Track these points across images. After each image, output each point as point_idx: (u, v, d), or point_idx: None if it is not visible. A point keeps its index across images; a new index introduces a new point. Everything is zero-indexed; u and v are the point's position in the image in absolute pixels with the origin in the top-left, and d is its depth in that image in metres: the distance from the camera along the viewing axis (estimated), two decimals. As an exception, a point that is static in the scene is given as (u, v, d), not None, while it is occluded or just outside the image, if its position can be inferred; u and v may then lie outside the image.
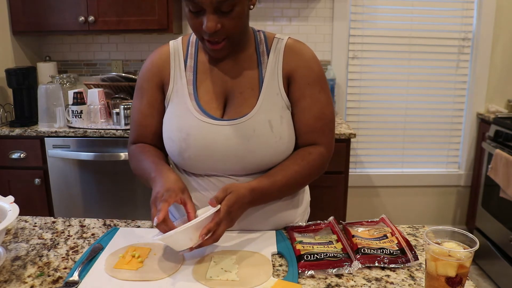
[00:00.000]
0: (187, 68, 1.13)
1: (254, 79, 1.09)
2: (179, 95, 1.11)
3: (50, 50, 2.99)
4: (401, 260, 0.93)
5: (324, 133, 1.11)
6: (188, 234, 0.90)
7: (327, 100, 1.12)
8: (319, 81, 1.11)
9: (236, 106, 1.08)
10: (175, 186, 1.00)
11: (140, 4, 2.55)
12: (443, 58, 2.98)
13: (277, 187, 1.05)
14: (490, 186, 2.62)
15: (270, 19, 2.92)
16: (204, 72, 1.12)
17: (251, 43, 1.13)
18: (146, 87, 1.15)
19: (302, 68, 1.10)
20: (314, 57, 1.13)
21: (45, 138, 2.36)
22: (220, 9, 0.96)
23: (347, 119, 3.05)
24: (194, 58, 1.13)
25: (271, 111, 1.07)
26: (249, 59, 1.11)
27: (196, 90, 1.10)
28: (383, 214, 1.13)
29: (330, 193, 2.47)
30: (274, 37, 1.13)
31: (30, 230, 1.13)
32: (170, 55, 1.14)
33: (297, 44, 1.13)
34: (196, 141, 1.06)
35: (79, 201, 2.43)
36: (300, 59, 1.10)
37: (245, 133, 1.04)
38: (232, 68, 1.11)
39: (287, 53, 1.10)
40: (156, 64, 1.15)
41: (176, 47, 1.15)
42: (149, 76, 1.15)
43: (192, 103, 1.08)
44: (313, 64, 1.11)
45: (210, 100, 1.09)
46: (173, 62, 1.13)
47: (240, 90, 1.09)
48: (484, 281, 2.61)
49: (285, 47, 1.11)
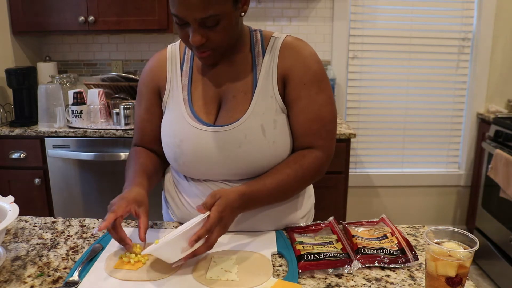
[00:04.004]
0: (183, 73, 1.12)
1: (248, 81, 1.07)
2: (174, 101, 1.11)
3: (50, 50, 2.99)
4: (401, 260, 0.93)
5: (320, 136, 1.06)
6: (178, 245, 0.85)
7: (325, 101, 1.06)
8: (316, 81, 1.05)
9: (228, 110, 1.06)
10: (130, 197, 0.99)
11: (140, 4, 2.55)
12: (443, 58, 2.98)
13: (267, 191, 1.02)
14: (490, 186, 2.62)
15: (270, 19, 2.92)
16: (199, 76, 1.11)
17: (246, 44, 1.10)
18: (144, 92, 1.17)
19: (298, 67, 1.05)
20: (313, 54, 1.07)
21: (45, 138, 2.36)
22: (205, 24, 0.95)
23: (347, 119, 3.05)
24: (190, 62, 1.13)
25: (264, 115, 1.04)
26: (244, 60, 1.09)
27: (190, 95, 1.10)
28: (383, 214, 1.12)
29: (330, 193, 2.46)
30: (272, 36, 1.09)
31: (30, 230, 1.13)
32: (167, 60, 1.15)
33: (295, 41, 1.08)
34: (189, 147, 1.06)
35: (79, 201, 2.43)
36: (296, 58, 1.05)
37: (236, 139, 1.03)
38: (226, 70, 1.09)
39: (283, 52, 1.06)
40: (153, 69, 1.16)
41: (173, 51, 1.16)
42: (147, 81, 1.16)
43: (186, 109, 1.08)
44: (310, 62, 1.05)
45: (204, 105, 1.09)
46: (169, 67, 1.14)
47: (234, 94, 1.07)
48: (484, 281, 2.61)
49: (282, 45, 1.06)
